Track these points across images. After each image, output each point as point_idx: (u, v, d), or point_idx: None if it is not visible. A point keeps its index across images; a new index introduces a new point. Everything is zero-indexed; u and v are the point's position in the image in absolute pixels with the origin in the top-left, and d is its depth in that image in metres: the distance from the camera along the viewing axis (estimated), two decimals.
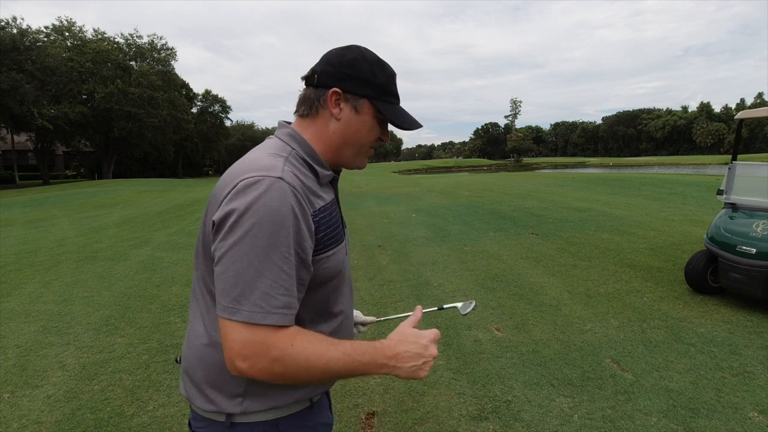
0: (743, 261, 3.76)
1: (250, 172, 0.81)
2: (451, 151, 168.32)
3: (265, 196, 0.78)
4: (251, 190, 0.78)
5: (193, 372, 0.92)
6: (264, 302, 0.76)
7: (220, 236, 0.79)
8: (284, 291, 0.78)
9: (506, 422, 2.41)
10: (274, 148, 0.91)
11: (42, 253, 6.87)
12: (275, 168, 0.83)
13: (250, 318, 0.75)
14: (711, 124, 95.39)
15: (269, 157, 0.87)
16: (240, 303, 0.76)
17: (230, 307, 0.76)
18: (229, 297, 0.76)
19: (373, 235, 7.38)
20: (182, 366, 0.98)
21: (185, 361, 0.96)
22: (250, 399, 0.89)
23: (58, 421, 2.50)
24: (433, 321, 3.76)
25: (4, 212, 13.21)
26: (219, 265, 0.79)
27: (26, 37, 28.73)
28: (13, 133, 32.27)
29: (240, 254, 0.76)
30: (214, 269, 0.80)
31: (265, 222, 0.77)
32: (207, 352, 0.90)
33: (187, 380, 0.95)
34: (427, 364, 0.88)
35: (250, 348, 0.76)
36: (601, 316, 3.81)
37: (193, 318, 0.96)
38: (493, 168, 66.22)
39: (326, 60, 0.94)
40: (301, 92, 0.97)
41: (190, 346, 0.94)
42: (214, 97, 53.30)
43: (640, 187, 13.27)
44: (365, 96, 0.93)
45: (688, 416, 2.42)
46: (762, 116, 4.22)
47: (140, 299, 4.49)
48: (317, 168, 0.93)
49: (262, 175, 0.80)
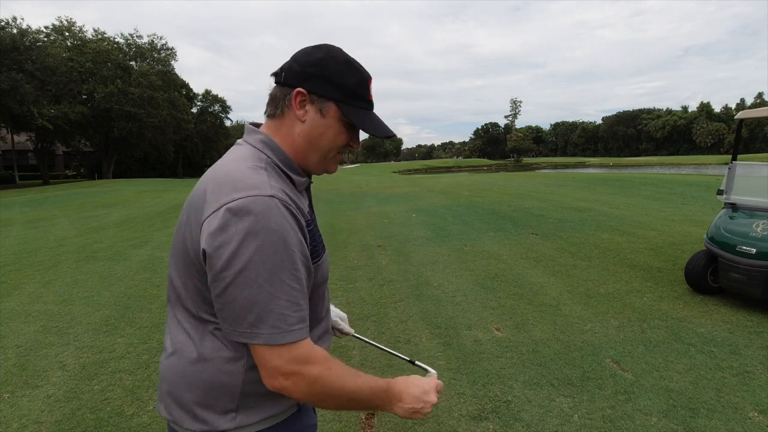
0: (743, 261, 3.76)
1: (237, 192, 0.77)
2: (451, 151, 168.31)
3: (262, 218, 0.75)
4: (244, 214, 0.75)
5: (180, 393, 0.88)
6: (281, 323, 0.77)
7: (220, 265, 0.76)
8: (297, 307, 0.79)
9: (506, 422, 2.41)
10: (250, 159, 0.86)
11: (42, 253, 6.87)
12: (263, 185, 0.79)
13: (269, 340, 0.76)
14: (711, 124, 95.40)
15: (251, 172, 0.82)
16: (258, 327, 0.76)
17: (247, 332, 0.77)
18: (245, 323, 0.77)
19: (373, 235, 7.38)
20: (162, 387, 0.93)
21: (166, 381, 0.91)
22: (243, 413, 0.87)
23: (58, 421, 2.50)
24: (433, 320, 3.76)
25: (4, 212, 13.21)
26: (225, 294, 0.77)
27: (26, 37, 28.72)
28: (13, 133, 32.26)
29: (248, 281, 0.75)
30: (217, 297, 0.79)
31: (267, 244, 0.75)
32: (195, 369, 0.87)
33: (171, 402, 0.90)
34: (425, 408, 0.91)
35: (290, 366, 0.78)
36: (601, 316, 3.81)
37: (174, 331, 0.91)
38: (493, 168, 66.22)
39: (294, 58, 0.90)
40: (271, 90, 0.92)
41: (173, 364, 0.90)
42: (214, 97, 53.31)
43: (640, 187, 13.27)
44: (331, 98, 0.88)
45: (688, 416, 2.42)
46: (762, 116, 4.22)
47: (140, 299, 4.49)
48: (293, 176, 0.90)
49: (252, 195, 0.77)
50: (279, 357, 0.77)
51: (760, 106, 26.01)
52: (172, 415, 0.90)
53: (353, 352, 3.26)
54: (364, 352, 3.25)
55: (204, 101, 52.88)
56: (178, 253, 0.89)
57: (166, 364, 0.93)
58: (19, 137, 37.39)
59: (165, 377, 0.92)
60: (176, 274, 0.90)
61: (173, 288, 0.92)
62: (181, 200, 14.49)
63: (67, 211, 12.74)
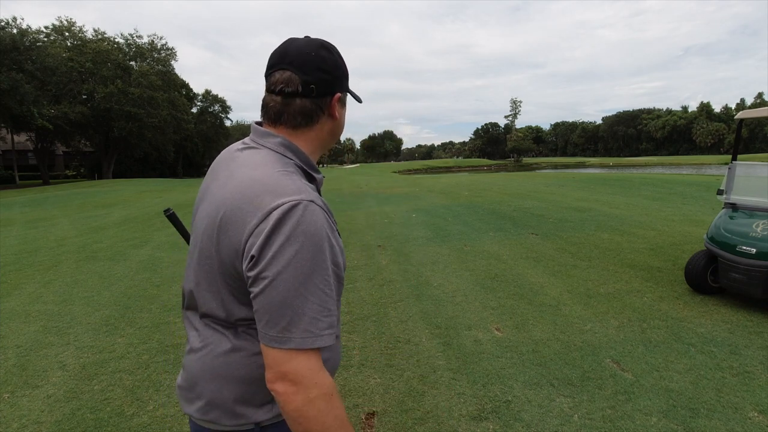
0: (743, 261, 3.76)
1: (279, 197, 0.80)
2: (451, 151, 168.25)
3: (303, 222, 0.78)
4: (289, 217, 0.77)
5: (218, 393, 0.88)
6: (313, 327, 0.78)
7: (261, 266, 0.77)
8: (327, 312, 0.80)
9: (506, 422, 2.41)
10: (278, 164, 0.88)
11: (42, 253, 6.87)
12: (303, 190, 0.82)
13: (300, 345, 0.77)
14: (711, 124, 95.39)
15: (285, 177, 0.84)
16: (290, 332, 0.77)
17: (279, 336, 0.77)
18: (278, 327, 0.77)
19: (373, 235, 7.38)
20: (194, 389, 0.92)
21: (197, 383, 0.91)
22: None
23: (58, 421, 2.50)
24: (433, 320, 3.76)
25: (4, 212, 13.21)
26: (262, 296, 0.78)
27: (26, 37, 28.70)
28: (13, 133, 32.25)
29: (286, 283, 0.76)
30: (255, 298, 0.79)
31: (306, 248, 0.77)
32: (231, 362, 0.88)
33: (206, 403, 0.90)
34: None
35: (301, 372, 0.77)
36: (601, 316, 3.81)
37: (205, 332, 0.92)
38: (493, 168, 66.22)
39: (312, 65, 0.90)
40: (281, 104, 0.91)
41: (210, 364, 0.89)
42: (214, 97, 53.31)
43: (640, 187, 13.27)
44: (347, 90, 0.98)
45: (688, 416, 2.42)
46: (762, 116, 4.23)
47: (140, 299, 4.49)
48: (314, 175, 0.94)
49: (295, 200, 0.79)
50: (298, 361, 0.77)
51: (760, 106, 26.00)
52: (207, 416, 0.90)
53: (353, 353, 3.26)
54: (364, 352, 3.25)
55: (204, 101, 52.90)
56: (213, 254, 0.87)
57: (199, 366, 0.91)
58: (19, 137, 37.39)
59: (194, 377, 0.92)
60: (208, 276, 0.90)
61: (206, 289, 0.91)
62: (181, 200, 14.48)
63: (67, 211, 12.74)
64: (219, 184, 0.91)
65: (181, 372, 0.98)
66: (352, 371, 2.99)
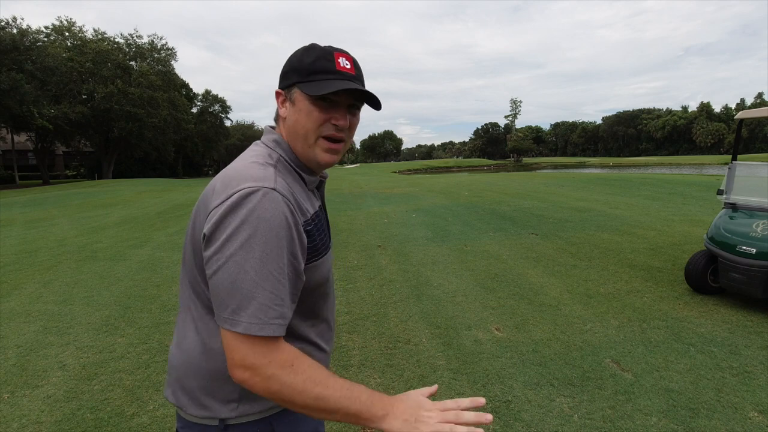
0: (743, 261, 3.76)
1: (243, 182, 0.81)
2: (451, 151, 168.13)
3: (260, 207, 0.78)
4: (246, 201, 0.78)
5: (186, 380, 0.92)
6: (262, 314, 0.77)
7: (214, 248, 0.78)
8: (279, 301, 0.79)
9: (506, 422, 2.41)
10: (262, 156, 0.90)
11: (42, 253, 6.87)
12: (268, 178, 0.83)
13: (248, 330, 0.76)
14: (711, 124, 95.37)
15: (259, 167, 0.86)
16: (238, 314, 0.76)
17: (230, 318, 0.77)
18: (228, 309, 0.77)
19: (373, 235, 7.38)
20: (171, 374, 0.96)
21: (175, 369, 0.95)
22: (245, 403, 0.90)
23: (58, 421, 2.50)
24: (433, 320, 3.76)
25: (4, 212, 13.21)
26: (215, 277, 0.78)
27: (26, 37, 28.73)
28: (13, 133, 32.26)
29: (237, 266, 0.76)
30: (209, 280, 0.80)
31: (260, 233, 0.77)
32: (201, 359, 0.90)
33: (178, 388, 0.93)
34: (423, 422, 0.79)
35: (250, 359, 0.77)
36: (601, 316, 3.81)
37: (183, 323, 0.95)
38: (493, 168, 66.18)
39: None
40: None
41: (183, 352, 0.93)
42: (214, 97, 53.29)
43: (640, 187, 13.27)
44: (294, 84, 0.90)
45: (688, 416, 2.42)
46: (762, 116, 4.23)
47: (140, 299, 4.49)
48: (303, 174, 0.94)
49: (256, 186, 0.80)
50: (246, 348, 0.77)
51: (760, 106, 26.00)
52: (178, 400, 0.93)
53: (353, 353, 3.26)
54: (364, 352, 3.25)
55: (204, 101, 52.87)
56: (187, 246, 0.92)
57: (175, 353, 0.96)
58: (19, 137, 37.41)
59: (173, 365, 0.96)
60: (185, 268, 0.95)
61: (183, 278, 0.96)
62: (181, 200, 14.49)
63: (67, 211, 12.74)
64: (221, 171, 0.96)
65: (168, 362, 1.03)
66: (352, 371, 2.99)
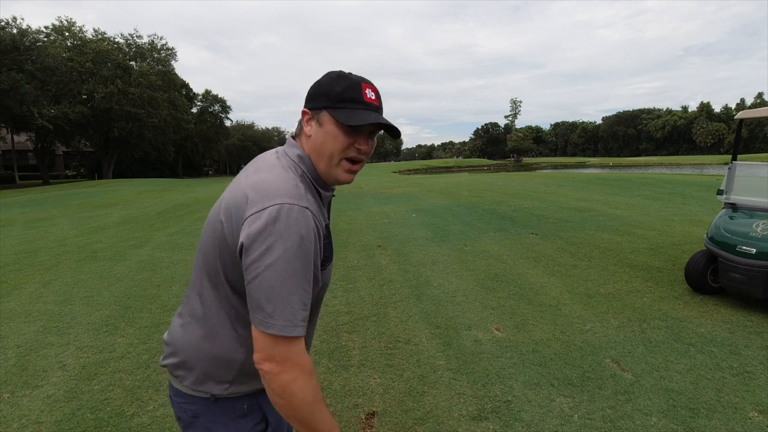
0: (743, 261, 3.76)
1: (279, 197, 0.90)
2: (451, 151, 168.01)
3: (296, 224, 0.88)
4: (284, 217, 0.88)
5: (191, 361, 1.02)
6: (292, 317, 0.88)
7: (253, 256, 0.88)
8: (304, 307, 0.91)
9: (506, 422, 2.41)
10: (290, 171, 0.99)
11: (42, 253, 6.87)
12: (301, 196, 0.93)
13: (281, 331, 0.87)
14: (711, 124, 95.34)
15: (291, 182, 0.95)
16: (273, 318, 0.87)
17: (264, 321, 0.88)
18: (263, 312, 0.88)
19: (373, 235, 7.38)
20: (173, 348, 1.05)
21: (181, 349, 1.04)
22: (236, 385, 1.03)
23: (58, 421, 2.50)
24: (433, 320, 3.76)
25: (4, 212, 13.21)
26: (254, 282, 0.88)
27: (26, 37, 28.72)
28: (13, 133, 32.25)
29: (274, 276, 0.87)
30: (248, 285, 0.90)
31: (295, 247, 0.88)
32: (205, 344, 1.01)
33: (179, 363, 1.03)
34: None
35: (281, 354, 0.89)
36: (601, 316, 3.81)
37: (193, 308, 1.05)
38: (493, 168, 66.17)
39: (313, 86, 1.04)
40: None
41: (189, 335, 1.03)
42: (214, 97, 53.30)
43: (640, 187, 13.27)
44: (323, 107, 0.99)
45: (688, 416, 2.42)
46: (762, 116, 4.22)
47: (140, 299, 4.49)
48: (320, 190, 1.03)
49: (291, 203, 0.90)
50: (276, 345, 0.88)
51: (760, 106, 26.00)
52: (176, 371, 1.04)
53: (353, 353, 3.26)
54: (364, 352, 3.25)
55: (204, 101, 52.89)
56: (213, 241, 0.99)
57: (181, 333, 1.05)
58: (19, 137, 37.41)
59: (179, 344, 1.05)
60: (204, 259, 1.02)
61: (200, 268, 1.04)
62: (181, 200, 14.49)
63: (67, 211, 12.74)
64: (245, 176, 1.01)
65: (168, 331, 1.11)
66: (352, 371, 2.99)
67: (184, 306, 1.08)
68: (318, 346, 3.35)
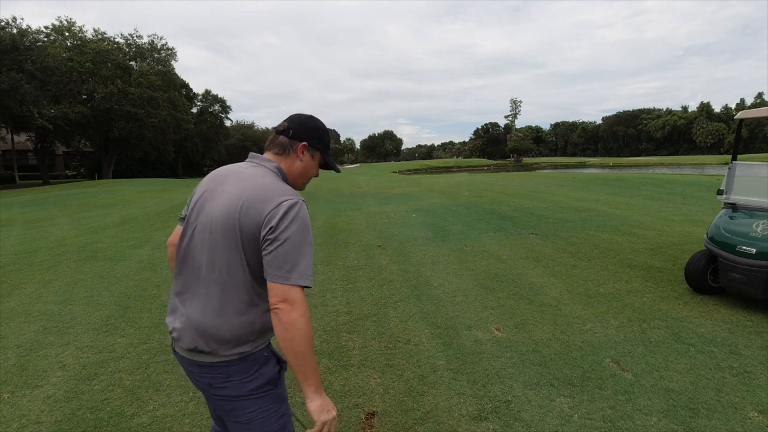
0: (743, 261, 3.76)
1: (286, 195, 1.27)
2: (451, 151, 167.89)
3: (302, 211, 1.27)
4: (295, 207, 1.26)
5: (221, 334, 1.27)
6: (306, 272, 1.23)
7: (276, 233, 1.21)
8: (311, 266, 1.26)
9: (506, 422, 2.41)
10: (278, 178, 1.36)
11: (42, 253, 6.87)
12: (297, 194, 1.31)
13: (297, 281, 1.21)
14: (711, 124, 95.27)
15: (284, 186, 1.33)
16: (292, 273, 1.21)
17: (286, 275, 1.20)
18: (284, 269, 1.20)
19: (373, 235, 7.38)
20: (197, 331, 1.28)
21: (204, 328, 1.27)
22: (257, 340, 1.32)
23: (58, 421, 2.50)
24: (433, 320, 3.76)
25: (4, 212, 13.21)
26: (279, 248, 1.21)
27: (26, 37, 28.70)
28: (13, 133, 32.22)
29: (293, 242, 1.22)
30: (271, 252, 1.21)
31: (304, 225, 1.26)
32: (236, 319, 1.27)
33: (210, 339, 1.27)
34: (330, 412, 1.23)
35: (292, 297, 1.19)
36: (601, 316, 3.81)
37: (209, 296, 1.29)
38: (493, 168, 66.09)
39: (297, 122, 1.43)
40: (273, 137, 1.43)
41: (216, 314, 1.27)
42: (214, 97, 53.25)
43: (640, 187, 13.27)
44: (319, 149, 1.45)
45: (688, 416, 2.42)
46: (762, 116, 4.22)
47: (140, 299, 4.49)
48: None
49: (296, 198, 1.28)
50: (294, 292, 1.20)
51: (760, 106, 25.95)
52: (209, 346, 1.27)
53: (353, 353, 3.26)
54: (364, 352, 3.25)
55: (204, 101, 52.83)
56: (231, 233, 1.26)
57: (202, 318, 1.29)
58: (19, 137, 37.38)
59: (201, 326, 1.28)
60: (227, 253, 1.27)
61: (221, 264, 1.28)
62: (181, 200, 14.49)
63: (67, 211, 12.74)
64: (232, 185, 1.31)
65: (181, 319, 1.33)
66: (352, 371, 2.99)
67: (193, 295, 1.32)
68: (318, 346, 3.35)
